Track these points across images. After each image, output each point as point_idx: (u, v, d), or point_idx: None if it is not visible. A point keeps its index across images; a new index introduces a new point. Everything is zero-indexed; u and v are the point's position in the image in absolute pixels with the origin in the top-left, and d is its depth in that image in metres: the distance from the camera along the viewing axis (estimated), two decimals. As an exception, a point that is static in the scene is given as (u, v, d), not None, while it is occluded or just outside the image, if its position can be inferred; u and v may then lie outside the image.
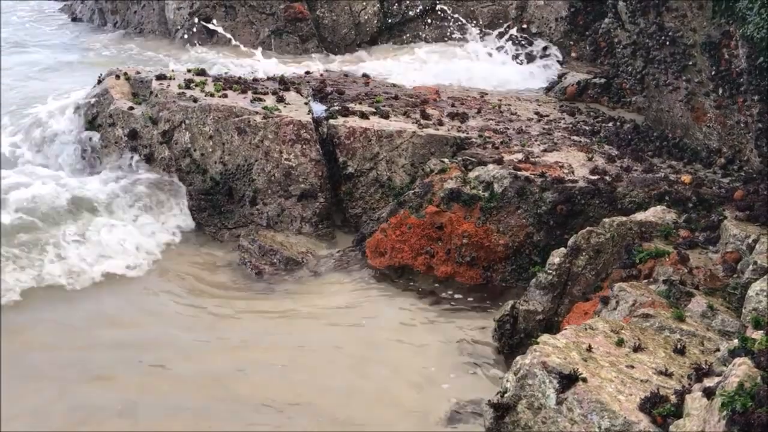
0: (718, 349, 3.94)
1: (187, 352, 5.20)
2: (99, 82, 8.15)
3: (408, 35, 13.45)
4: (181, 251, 6.70)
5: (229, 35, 11.84)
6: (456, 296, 6.07)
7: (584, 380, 3.54)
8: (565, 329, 4.16)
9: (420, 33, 13.55)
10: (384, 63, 10.73)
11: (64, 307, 5.65)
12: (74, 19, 15.60)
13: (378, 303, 6.00)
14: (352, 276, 6.35)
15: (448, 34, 12.95)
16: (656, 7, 6.71)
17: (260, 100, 7.36)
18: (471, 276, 6.13)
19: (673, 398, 3.40)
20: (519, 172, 6.22)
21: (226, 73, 8.31)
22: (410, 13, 13.78)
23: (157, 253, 6.52)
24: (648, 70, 7.11)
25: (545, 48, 11.07)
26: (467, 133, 7.18)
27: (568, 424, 3.47)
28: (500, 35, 11.43)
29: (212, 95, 7.38)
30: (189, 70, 8.23)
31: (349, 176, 7.07)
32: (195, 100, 7.28)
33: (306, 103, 7.56)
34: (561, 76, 10.09)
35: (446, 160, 6.69)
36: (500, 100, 8.59)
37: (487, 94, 8.98)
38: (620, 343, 3.95)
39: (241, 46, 11.35)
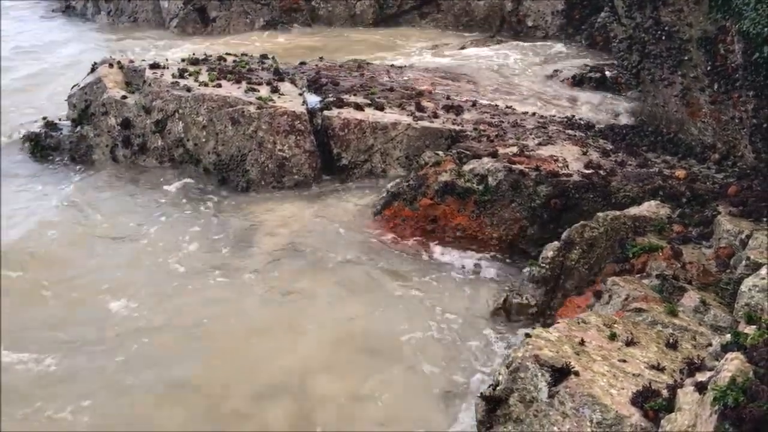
0: (710, 344, 3.93)
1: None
2: (92, 70, 8.09)
3: (404, 27, 13.42)
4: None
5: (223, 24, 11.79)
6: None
7: (576, 374, 3.53)
8: (558, 323, 4.15)
9: (416, 25, 13.53)
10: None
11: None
12: (67, 8, 15.50)
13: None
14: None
15: (443, 26, 12.93)
16: (653, 2, 6.69)
17: (254, 90, 7.31)
18: (464, 269, 6.10)
19: (665, 392, 3.40)
20: (513, 166, 6.20)
21: (220, 62, 8.24)
22: (406, 5, 13.75)
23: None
24: (644, 64, 7.09)
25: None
26: (462, 126, 7.15)
27: (560, 417, 3.46)
28: None
29: (206, 85, 7.33)
30: (183, 60, 8.18)
31: (343, 168, 7.04)
32: (189, 90, 7.24)
33: (300, 94, 7.51)
34: (557, 70, 10.07)
35: (441, 152, 6.66)
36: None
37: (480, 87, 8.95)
38: (613, 337, 3.94)
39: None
